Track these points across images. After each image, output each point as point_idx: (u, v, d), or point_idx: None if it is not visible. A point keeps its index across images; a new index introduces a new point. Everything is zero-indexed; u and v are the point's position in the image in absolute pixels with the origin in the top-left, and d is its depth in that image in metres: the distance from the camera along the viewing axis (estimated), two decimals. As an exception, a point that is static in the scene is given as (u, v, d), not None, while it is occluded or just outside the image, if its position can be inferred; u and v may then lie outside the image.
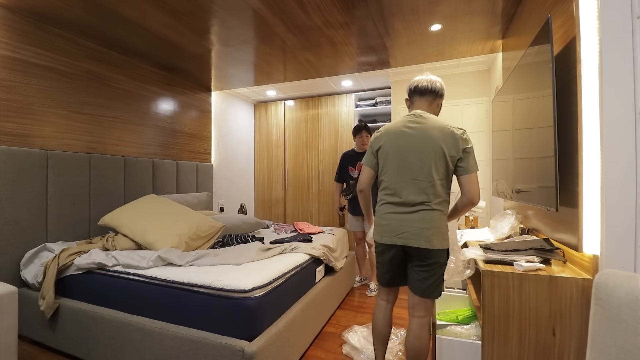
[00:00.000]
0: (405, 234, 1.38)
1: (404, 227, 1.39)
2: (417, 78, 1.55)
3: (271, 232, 2.96)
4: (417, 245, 1.36)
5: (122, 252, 1.90)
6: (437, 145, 1.37)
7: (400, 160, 1.43)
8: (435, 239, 1.36)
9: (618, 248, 1.07)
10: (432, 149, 1.38)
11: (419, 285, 1.41)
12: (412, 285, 1.45)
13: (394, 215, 1.43)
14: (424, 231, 1.36)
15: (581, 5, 1.22)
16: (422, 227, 1.36)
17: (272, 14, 2.12)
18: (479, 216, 2.59)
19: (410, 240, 1.37)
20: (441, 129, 1.39)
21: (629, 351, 0.76)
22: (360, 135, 2.97)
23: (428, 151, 1.38)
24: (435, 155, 1.37)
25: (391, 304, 1.57)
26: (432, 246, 1.35)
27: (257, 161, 4.87)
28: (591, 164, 1.19)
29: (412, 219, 1.38)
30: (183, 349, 1.47)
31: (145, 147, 2.98)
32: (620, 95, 1.08)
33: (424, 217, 1.37)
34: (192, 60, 2.93)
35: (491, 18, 2.23)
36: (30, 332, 1.94)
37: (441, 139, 1.37)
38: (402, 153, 1.43)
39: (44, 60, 2.21)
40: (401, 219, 1.40)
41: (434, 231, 1.36)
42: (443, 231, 1.39)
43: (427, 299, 1.42)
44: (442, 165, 1.38)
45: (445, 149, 1.36)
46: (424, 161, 1.38)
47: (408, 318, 1.48)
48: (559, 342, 1.17)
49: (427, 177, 1.38)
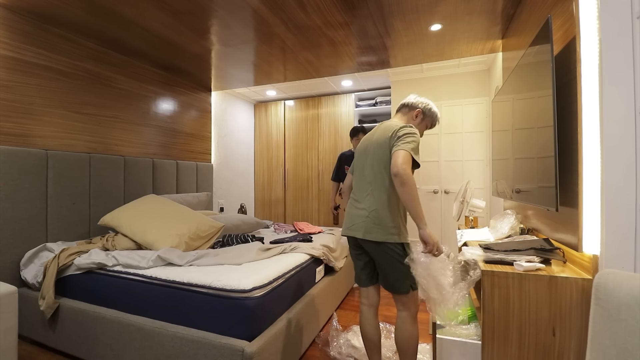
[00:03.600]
0: (353, 226, 1.51)
1: (352, 220, 1.53)
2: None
3: (271, 232, 2.96)
4: (359, 237, 1.47)
5: (122, 252, 1.90)
6: (377, 141, 1.51)
7: (357, 162, 1.62)
8: (377, 232, 1.43)
9: (618, 248, 1.07)
10: (374, 146, 1.51)
11: (384, 281, 1.51)
12: (380, 281, 1.55)
13: (349, 210, 1.58)
14: (364, 224, 1.46)
15: (581, 5, 1.22)
16: (362, 220, 1.47)
17: (272, 13, 2.12)
18: (479, 216, 2.59)
19: (356, 232, 1.49)
20: (386, 127, 1.52)
21: (629, 351, 0.76)
22: (357, 137, 3.03)
23: (371, 149, 1.52)
24: (375, 151, 1.50)
25: (373, 307, 1.59)
26: (374, 238, 1.43)
27: (257, 161, 4.87)
28: (591, 164, 1.18)
29: (358, 213, 1.50)
30: (183, 349, 1.47)
31: (145, 147, 2.98)
32: (621, 95, 1.08)
33: (365, 211, 1.47)
34: (192, 60, 2.93)
35: (491, 18, 2.23)
36: (30, 332, 1.94)
37: (381, 136, 1.50)
38: (360, 155, 1.60)
39: (44, 60, 2.21)
40: (352, 214, 1.54)
41: (375, 224, 1.43)
42: (388, 225, 1.42)
43: (397, 294, 1.48)
44: (382, 158, 1.46)
45: (382, 142, 1.48)
46: (367, 159, 1.53)
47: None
48: (559, 342, 1.17)
49: (371, 173, 1.50)
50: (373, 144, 1.53)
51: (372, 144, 1.54)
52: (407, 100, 1.65)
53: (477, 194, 3.39)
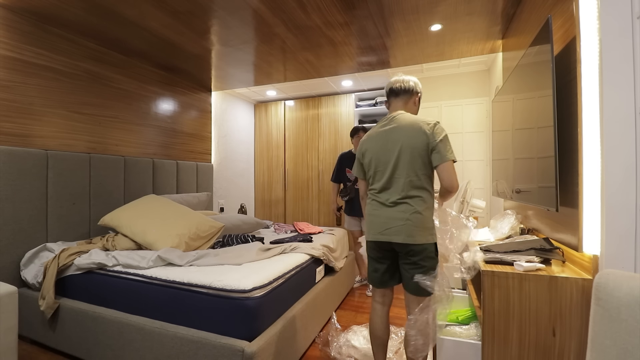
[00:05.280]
0: (388, 231, 1.43)
1: (387, 223, 1.44)
2: (391, 80, 1.64)
3: (271, 232, 2.96)
4: (400, 241, 1.40)
5: (122, 252, 1.90)
6: (408, 141, 1.43)
7: (379, 162, 1.50)
8: (418, 234, 1.39)
9: (618, 248, 1.07)
10: (405, 146, 1.43)
11: (410, 283, 1.44)
12: (404, 283, 1.48)
13: (379, 212, 1.48)
14: (405, 227, 1.40)
15: (581, 5, 1.22)
16: (402, 223, 1.41)
17: (272, 14, 2.12)
18: (479, 216, 2.59)
19: (394, 237, 1.42)
20: (412, 124, 1.45)
21: (629, 351, 0.76)
22: (357, 135, 2.99)
23: (402, 149, 1.44)
24: (408, 151, 1.42)
25: (387, 306, 1.58)
26: (415, 241, 1.39)
27: (257, 161, 4.87)
28: (591, 164, 1.18)
29: (394, 216, 1.43)
30: (183, 349, 1.47)
31: (145, 147, 2.98)
32: (621, 95, 1.08)
33: (405, 214, 1.41)
34: (192, 60, 2.93)
35: (491, 18, 2.23)
36: (30, 332, 1.94)
37: (412, 135, 1.43)
38: (381, 154, 1.50)
39: (44, 60, 2.21)
40: (385, 216, 1.46)
41: (416, 226, 1.40)
42: (427, 226, 1.42)
43: (420, 297, 1.43)
44: (417, 160, 1.42)
45: (417, 143, 1.41)
46: (400, 159, 1.44)
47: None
48: (559, 342, 1.17)
49: (403, 173, 1.43)
50: (399, 141, 1.44)
51: (396, 142, 1.45)
52: (404, 83, 1.57)
53: (477, 194, 3.39)
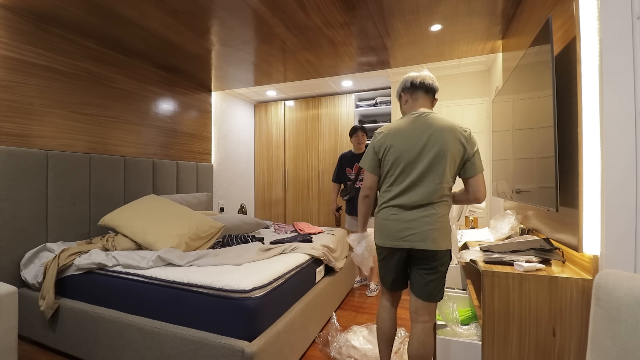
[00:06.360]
0: (411, 237, 1.36)
1: (410, 229, 1.36)
2: (418, 74, 1.48)
3: (271, 233, 2.96)
4: (425, 248, 1.34)
5: (122, 252, 1.90)
6: (446, 147, 1.34)
7: (408, 162, 1.38)
8: (442, 240, 1.36)
9: (618, 248, 1.07)
10: (443, 151, 1.34)
11: (423, 288, 1.39)
12: (415, 289, 1.42)
13: (398, 217, 1.39)
14: (430, 233, 1.34)
15: (581, 6, 1.22)
16: (428, 228, 1.34)
17: (272, 14, 2.12)
18: (479, 216, 2.59)
19: (417, 243, 1.35)
20: (450, 129, 1.36)
21: (629, 351, 0.76)
22: (356, 134, 2.99)
23: (439, 154, 1.34)
24: (445, 156, 1.34)
25: (395, 305, 1.57)
26: (439, 247, 1.35)
27: (257, 161, 4.87)
28: (591, 164, 1.19)
29: (419, 222, 1.36)
30: (183, 349, 1.47)
31: (145, 147, 2.98)
32: (621, 96, 1.08)
33: (431, 219, 1.35)
34: (192, 60, 2.93)
35: (491, 18, 2.23)
36: (30, 332, 1.94)
37: (450, 141, 1.34)
38: (412, 154, 1.38)
39: (44, 60, 2.21)
40: (405, 220, 1.37)
41: (440, 232, 1.36)
42: (448, 231, 1.40)
43: (431, 302, 1.40)
44: (452, 167, 1.36)
45: (454, 150, 1.34)
46: (434, 163, 1.35)
47: (409, 318, 1.47)
48: (559, 343, 1.17)
49: (435, 179, 1.35)
50: (436, 145, 1.34)
51: (433, 145, 1.35)
52: (434, 81, 1.47)
53: (477, 194, 3.38)
